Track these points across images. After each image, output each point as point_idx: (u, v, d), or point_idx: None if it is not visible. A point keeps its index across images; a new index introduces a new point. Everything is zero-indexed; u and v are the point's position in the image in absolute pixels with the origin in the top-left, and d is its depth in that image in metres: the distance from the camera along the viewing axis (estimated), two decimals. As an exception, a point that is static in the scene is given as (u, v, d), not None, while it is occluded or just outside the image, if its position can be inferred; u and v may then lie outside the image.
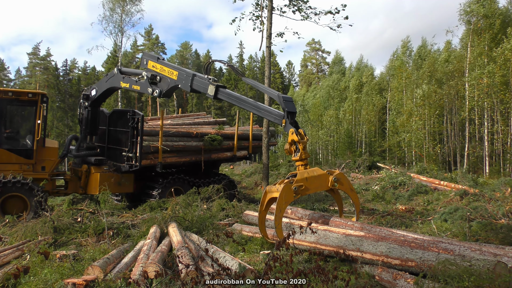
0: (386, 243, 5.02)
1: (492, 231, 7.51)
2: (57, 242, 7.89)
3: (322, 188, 7.27)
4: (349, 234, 5.73)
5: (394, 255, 4.77)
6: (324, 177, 7.18)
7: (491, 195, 11.72)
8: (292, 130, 7.22)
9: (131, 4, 38.71)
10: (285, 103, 7.49)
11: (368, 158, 26.10)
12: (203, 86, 9.25)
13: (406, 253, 4.66)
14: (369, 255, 5.09)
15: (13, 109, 11.78)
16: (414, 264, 4.50)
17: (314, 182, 6.99)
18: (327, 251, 5.76)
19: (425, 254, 4.47)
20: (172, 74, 10.11)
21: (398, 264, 4.70)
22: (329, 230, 6.17)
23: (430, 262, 4.33)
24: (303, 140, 7.21)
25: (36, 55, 67.81)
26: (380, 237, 5.35)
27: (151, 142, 12.40)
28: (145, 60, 11.02)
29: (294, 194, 6.67)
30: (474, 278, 3.83)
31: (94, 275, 5.11)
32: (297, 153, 7.19)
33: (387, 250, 4.89)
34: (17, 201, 10.61)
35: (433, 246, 4.56)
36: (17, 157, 11.31)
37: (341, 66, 62.22)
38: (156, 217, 8.88)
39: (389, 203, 13.04)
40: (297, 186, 6.65)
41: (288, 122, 7.39)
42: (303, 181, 6.76)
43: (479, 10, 29.22)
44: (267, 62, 16.82)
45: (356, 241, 5.42)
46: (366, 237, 5.44)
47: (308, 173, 6.98)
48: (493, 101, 28.68)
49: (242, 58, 78.08)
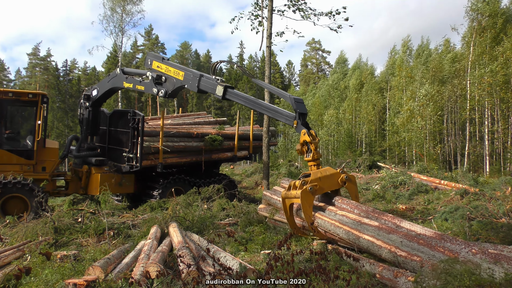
0: (397, 236, 5.31)
1: (492, 230, 7.51)
2: (58, 242, 7.89)
3: (335, 187, 7.40)
4: (364, 223, 6.03)
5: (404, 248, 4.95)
6: (336, 175, 7.34)
7: (492, 194, 11.71)
8: (304, 131, 7.37)
9: (131, 4, 38.71)
10: (297, 105, 7.64)
11: (369, 157, 26.05)
12: (211, 87, 9.26)
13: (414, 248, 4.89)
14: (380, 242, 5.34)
15: (14, 110, 11.79)
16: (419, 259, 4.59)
17: (327, 181, 7.17)
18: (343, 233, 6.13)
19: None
20: (178, 75, 10.10)
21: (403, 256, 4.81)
22: (346, 216, 6.49)
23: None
24: (315, 141, 7.36)
25: (36, 55, 67.83)
26: (391, 229, 5.59)
27: (152, 143, 12.41)
28: (150, 60, 10.99)
29: (311, 194, 6.85)
30: (475, 277, 3.83)
31: (95, 276, 5.12)
32: (309, 154, 7.35)
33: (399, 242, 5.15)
34: (18, 202, 10.61)
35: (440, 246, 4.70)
36: (17, 157, 11.31)
37: (344, 67, 62.12)
38: (156, 217, 8.89)
39: (389, 203, 13.03)
40: (312, 186, 6.81)
41: (300, 123, 7.54)
42: (317, 181, 6.94)
43: (485, 9, 29.21)
44: (267, 62, 16.80)
45: (371, 229, 5.77)
46: (379, 227, 5.76)
47: (321, 172, 7.15)
48: (494, 100, 28.70)
49: (242, 58, 78.16)
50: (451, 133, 34.55)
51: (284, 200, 7.16)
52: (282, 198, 7.22)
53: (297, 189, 6.88)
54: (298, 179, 7.06)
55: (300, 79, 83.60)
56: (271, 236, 7.84)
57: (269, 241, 7.43)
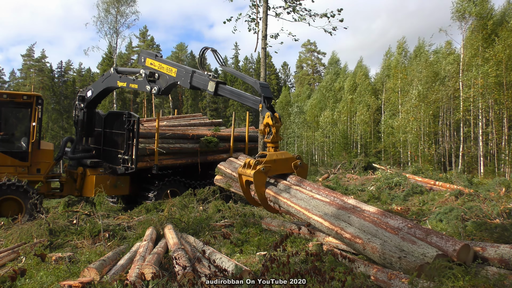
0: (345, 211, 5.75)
1: (486, 230, 7.56)
2: (53, 244, 7.86)
3: (287, 171, 7.67)
4: (316, 198, 6.43)
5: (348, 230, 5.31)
6: (291, 160, 7.61)
7: (486, 195, 11.79)
8: (268, 113, 7.59)
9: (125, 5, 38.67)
10: (262, 89, 7.92)
11: (364, 158, 26.10)
12: (203, 83, 9.23)
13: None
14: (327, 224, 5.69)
15: (8, 112, 11.71)
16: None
17: (281, 164, 7.49)
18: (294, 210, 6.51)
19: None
20: (171, 71, 10.07)
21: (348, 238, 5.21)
22: (300, 191, 6.89)
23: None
24: (277, 124, 7.59)
25: (31, 56, 67.50)
26: (341, 206, 6.00)
27: (147, 145, 12.38)
28: (143, 57, 10.96)
29: (264, 174, 7.21)
30: (469, 278, 3.87)
31: (90, 277, 5.11)
32: (270, 136, 7.61)
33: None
34: (12, 204, 10.54)
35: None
36: (12, 159, 11.26)
37: (336, 67, 62.12)
38: (152, 219, 8.87)
39: (384, 204, 13.08)
40: (265, 167, 7.17)
41: (265, 106, 7.80)
42: (271, 163, 7.28)
43: (471, 10, 29.34)
44: (263, 63, 16.86)
45: (321, 205, 6.12)
46: (330, 203, 6.17)
47: (277, 155, 7.46)
48: (488, 101, 28.86)
49: (237, 59, 78.16)
50: (445, 134, 34.71)
51: (241, 176, 7.52)
52: (239, 174, 7.57)
53: (251, 168, 7.21)
54: (254, 158, 7.39)
55: (295, 80, 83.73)
56: (267, 238, 7.86)
57: (264, 243, 7.45)
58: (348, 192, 15.88)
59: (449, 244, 4.51)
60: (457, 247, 4.43)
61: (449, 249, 4.45)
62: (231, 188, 9.55)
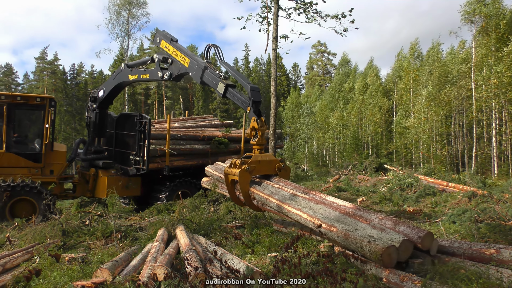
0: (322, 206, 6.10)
1: (500, 232, 7.44)
2: (66, 245, 7.95)
3: (271, 172, 8.02)
4: (297, 195, 6.71)
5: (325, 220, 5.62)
6: (274, 162, 8.01)
7: (500, 197, 11.62)
8: (254, 118, 7.95)
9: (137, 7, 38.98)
10: (252, 93, 8.13)
11: (375, 159, 25.95)
12: (214, 82, 9.18)
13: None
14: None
15: (22, 114, 11.87)
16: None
17: (265, 165, 7.91)
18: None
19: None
20: (184, 61, 9.99)
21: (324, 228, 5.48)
22: (281, 189, 7.27)
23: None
24: (262, 128, 7.95)
25: (44, 59, 68.35)
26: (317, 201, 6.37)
27: (158, 146, 12.45)
28: (158, 38, 10.88)
29: (249, 173, 7.61)
30: (483, 281, 3.82)
31: (103, 278, 5.15)
32: (255, 138, 8.01)
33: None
34: (26, 205, 10.70)
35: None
36: (25, 161, 11.41)
37: (347, 68, 61.77)
38: (163, 220, 8.91)
39: (396, 205, 12.95)
40: (250, 167, 7.58)
41: (252, 110, 8.07)
42: (256, 163, 7.71)
43: (481, 10, 28.97)
44: (273, 64, 16.83)
45: (301, 201, 6.42)
46: (310, 199, 6.48)
47: (262, 157, 7.88)
48: (501, 101, 28.47)
49: (247, 60, 78.25)
50: (458, 135, 34.31)
51: (227, 175, 7.92)
52: (225, 173, 7.97)
53: (237, 167, 7.59)
54: (239, 159, 7.77)
55: (306, 81, 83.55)
56: (278, 239, 7.83)
57: (276, 244, 7.43)
58: (359, 193, 15.78)
59: (415, 232, 4.98)
60: (421, 234, 4.88)
61: (415, 236, 4.91)
62: (217, 189, 9.88)
